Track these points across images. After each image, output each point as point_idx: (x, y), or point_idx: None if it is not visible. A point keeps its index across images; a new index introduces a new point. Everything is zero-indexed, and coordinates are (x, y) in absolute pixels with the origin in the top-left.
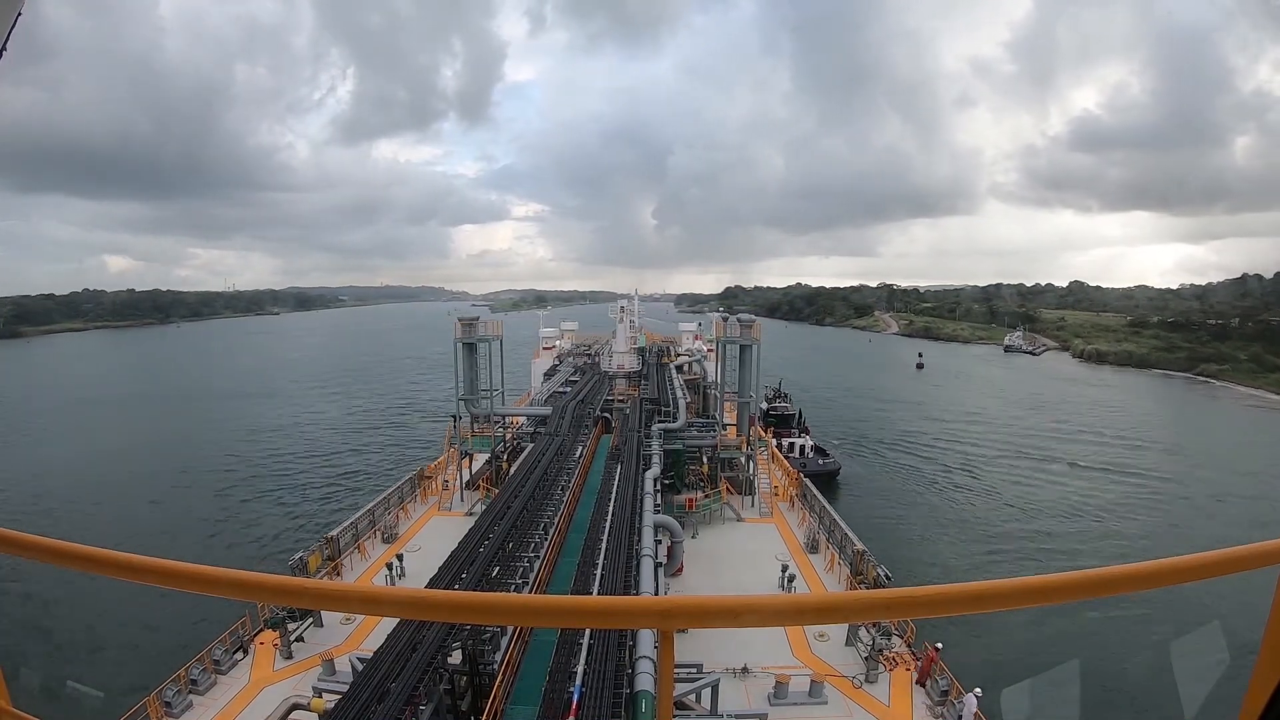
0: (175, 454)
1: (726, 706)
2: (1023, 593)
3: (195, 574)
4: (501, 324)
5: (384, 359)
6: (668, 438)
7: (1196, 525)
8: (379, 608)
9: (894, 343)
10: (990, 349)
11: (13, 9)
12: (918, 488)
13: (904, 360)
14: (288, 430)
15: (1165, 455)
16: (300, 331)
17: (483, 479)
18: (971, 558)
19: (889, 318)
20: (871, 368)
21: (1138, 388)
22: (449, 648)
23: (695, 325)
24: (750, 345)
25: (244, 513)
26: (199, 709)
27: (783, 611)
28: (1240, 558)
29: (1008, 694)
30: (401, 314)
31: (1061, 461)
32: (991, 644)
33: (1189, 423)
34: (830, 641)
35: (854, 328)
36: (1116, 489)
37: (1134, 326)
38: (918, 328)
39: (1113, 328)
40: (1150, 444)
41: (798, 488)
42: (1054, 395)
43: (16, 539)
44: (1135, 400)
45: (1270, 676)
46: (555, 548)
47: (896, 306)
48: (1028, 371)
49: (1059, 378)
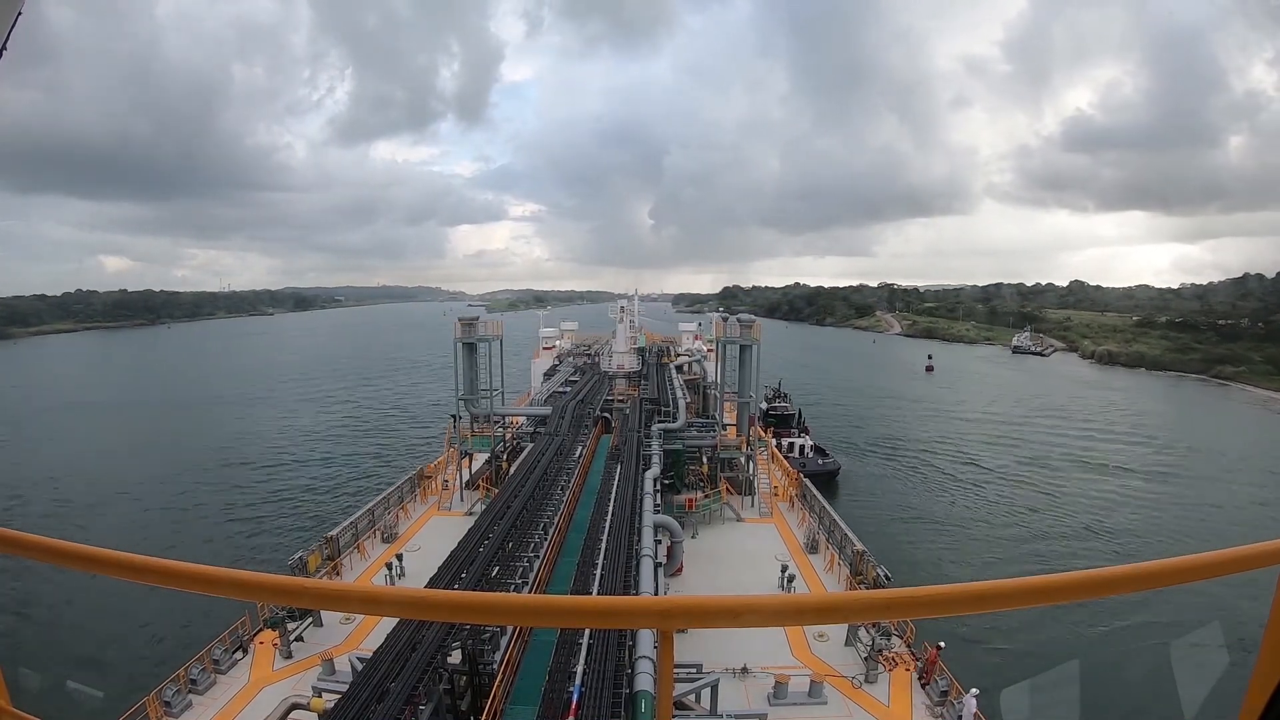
0: (158, 459)
1: (726, 706)
2: (1023, 593)
3: (195, 574)
4: (502, 324)
5: (378, 360)
6: (667, 438)
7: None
8: (379, 607)
9: (897, 344)
10: (996, 350)
11: (12, 9)
12: (937, 494)
13: (910, 362)
14: (273, 438)
15: (1198, 458)
16: (299, 332)
17: (482, 479)
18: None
19: (891, 318)
20: (878, 369)
21: (1155, 390)
22: (448, 647)
23: (695, 325)
24: (750, 345)
25: (242, 513)
26: (198, 709)
27: (782, 611)
28: (1240, 558)
29: (1007, 694)
30: (397, 314)
31: (1104, 467)
32: (991, 644)
33: (1214, 425)
34: (830, 642)
35: (855, 328)
36: (1159, 495)
37: (1141, 327)
38: (921, 328)
39: (1119, 328)
40: (1178, 447)
41: (797, 488)
42: (1074, 398)
43: (16, 539)
44: (1156, 404)
45: (1270, 676)
46: (555, 548)
47: (897, 306)
48: (1040, 373)
49: (1075, 380)
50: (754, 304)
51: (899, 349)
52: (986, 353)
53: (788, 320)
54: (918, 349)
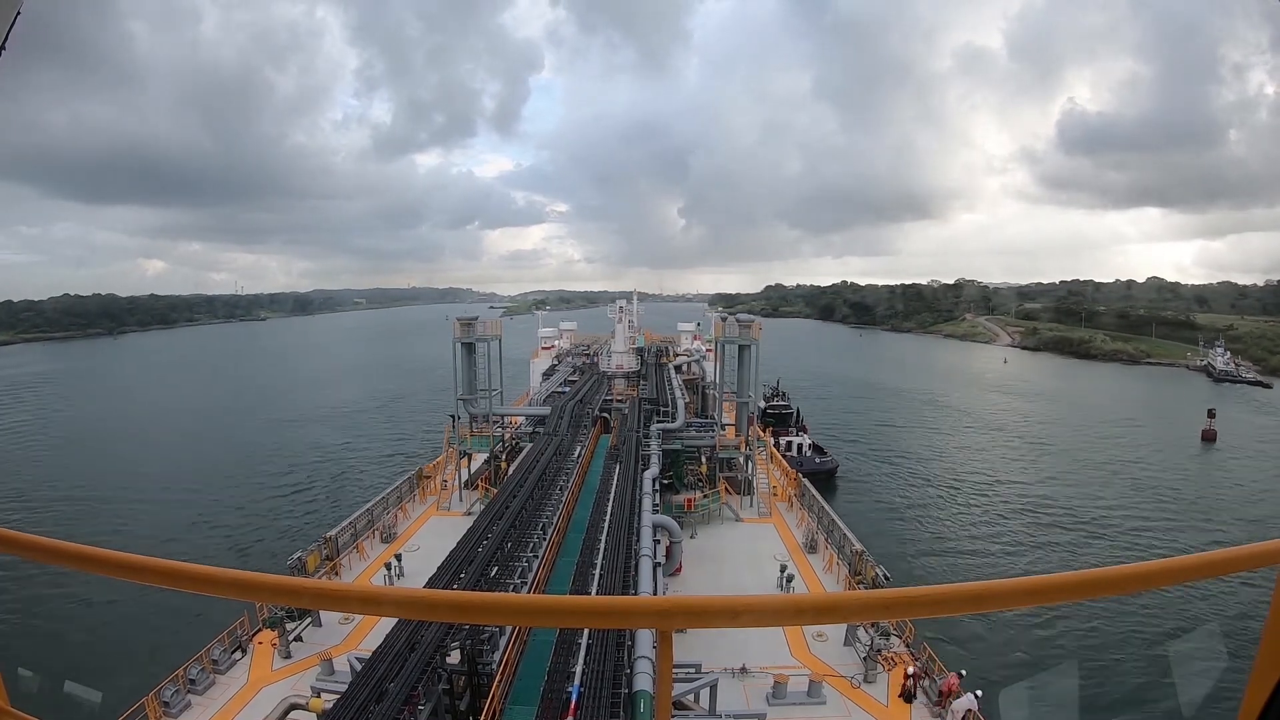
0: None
1: (725, 706)
2: (1022, 593)
3: (194, 574)
4: (501, 324)
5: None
6: (666, 438)
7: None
8: (378, 607)
9: (1045, 364)
10: (1175, 373)
11: (12, 8)
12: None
13: (1127, 400)
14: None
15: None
16: (269, 343)
17: (481, 479)
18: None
19: (996, 326)
20: (1095, 432)
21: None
22: (447, 648)
23: (694, 325)
24: (749, 345)
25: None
26: (197, 709)
27: (781, 611)
28: (1240, 558)
29: (1007, 694)
30: (402, 317)
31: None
32: (991, 644)
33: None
34: (829, 641)
35: (948, 337)
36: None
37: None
38: (1046, 339)
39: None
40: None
41: (796, 488)
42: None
43: (16, 539)
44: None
45: (1269, 676)
46: (554, 547)
47: (988, 307)
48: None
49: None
50: (807, 304)
51: (1080, 380)
52: (1163, 374)
53: (854, 326)
54: (1090, 376)
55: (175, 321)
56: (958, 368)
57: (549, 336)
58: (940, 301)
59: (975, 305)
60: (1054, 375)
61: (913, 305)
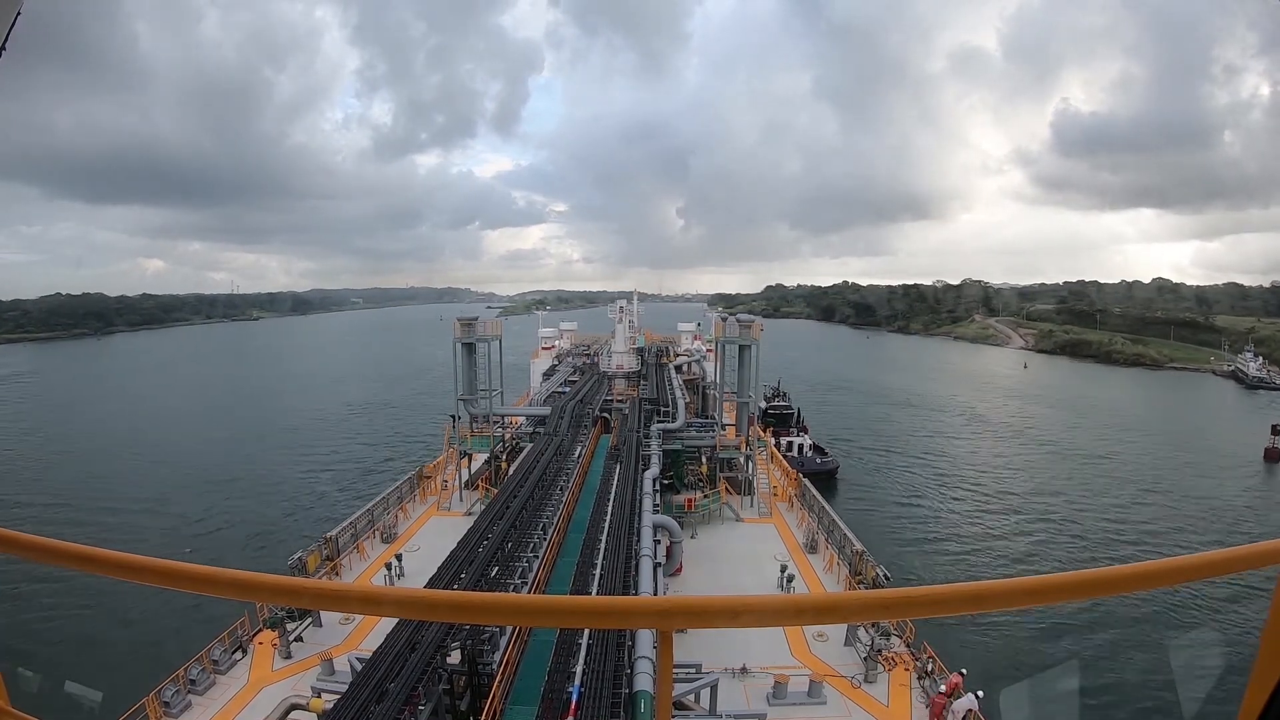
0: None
1: (725, 706)
2: (1022, 593)
3: (195, 574)
4: (501, 324)
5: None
6: (667, 438)
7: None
8: (378, 608)
9: (1064, 369)
10: (1197, 377)
11: (12, 8)
12: None
13: (1193, 408)
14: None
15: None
16: (257, 343)
17: (481, 479)
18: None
19: (1007, 328)
20: (1163, 465)
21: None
22: (448, 648)
23: (694, 325)
24: (749, 345)
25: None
26: (198, 709)
27: (782, 611)
28: (1240, 558)
29: (1007, 694)
30: (396, 316)
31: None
32: (991, 643)
33: None
34: (829, 641)
35: (956, 339)
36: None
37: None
38: (1061, 342)
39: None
40: None
41: (796, 488)
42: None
43: (16, 539)
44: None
45: (1270, 676)
46: (554, 547)
47: (995, 308)
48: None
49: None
50: (807, 304)
51: (1110, 387)
52: (1189, 381)
53: (853, 326)
54: (1117, 383)
55: (166, 321)
56: (977, 373)
57: (549, 336)
58: (943, 302)
59: (977, 306)
60: (1080, 382)
61: (915, 306)
